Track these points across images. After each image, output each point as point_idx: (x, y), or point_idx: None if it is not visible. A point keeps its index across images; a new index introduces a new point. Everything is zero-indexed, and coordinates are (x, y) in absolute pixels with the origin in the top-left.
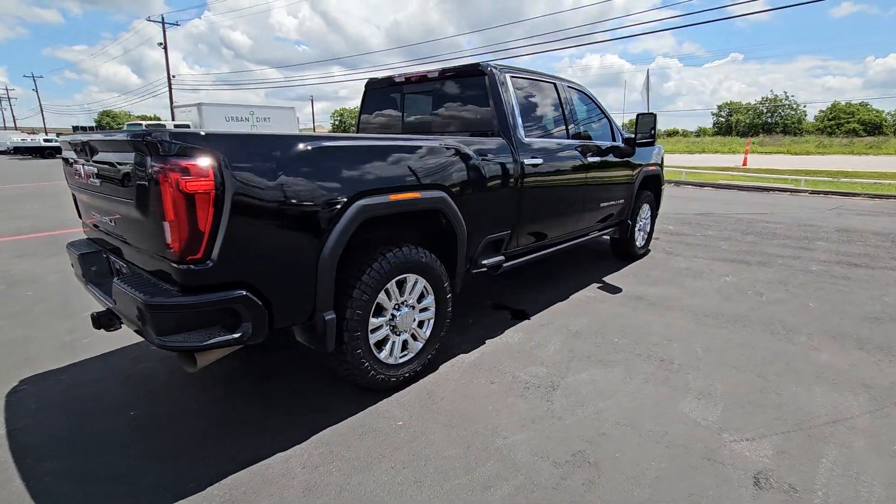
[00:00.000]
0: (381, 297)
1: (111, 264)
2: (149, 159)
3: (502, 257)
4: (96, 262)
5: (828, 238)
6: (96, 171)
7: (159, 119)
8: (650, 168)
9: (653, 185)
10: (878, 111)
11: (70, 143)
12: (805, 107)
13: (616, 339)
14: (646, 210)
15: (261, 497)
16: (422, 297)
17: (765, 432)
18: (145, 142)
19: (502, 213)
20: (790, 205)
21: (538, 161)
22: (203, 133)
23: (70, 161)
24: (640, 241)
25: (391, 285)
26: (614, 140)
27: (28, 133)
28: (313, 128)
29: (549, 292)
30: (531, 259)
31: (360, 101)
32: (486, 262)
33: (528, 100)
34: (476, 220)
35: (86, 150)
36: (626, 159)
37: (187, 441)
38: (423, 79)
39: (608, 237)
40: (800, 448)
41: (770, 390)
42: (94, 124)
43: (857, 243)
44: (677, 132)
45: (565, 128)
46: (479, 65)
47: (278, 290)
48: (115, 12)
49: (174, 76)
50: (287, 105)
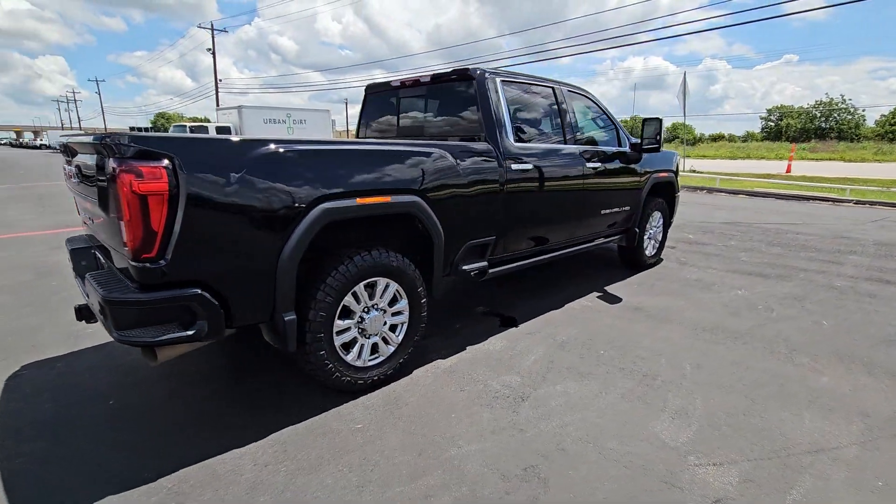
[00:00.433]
0: (349, 299)
1: (97, 260)
2: (108, 161)
3: (485, 263)
4: (86, 257)
5: (863, 252)
6: (75, 171)
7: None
8: (661, 175)
9: (665, 193)
10: None
11: (59, 145)
12: (864, 111)
13: (602, 350)
14: (657, 218)
15: (206, 492)
16: (395, 301)
17: (736, 458)
18: (104, 144)
19: (485, 218)
20: (829, 215)
21: (527, 166)
22: (159, 137)
23: (65, 161)
24: (650, 250)
25: (359, 288)
26: (620, 146)
27: (90, 133)
28: (346, 130)
29: (545, 300)
30: (523, 266)
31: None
32: (467, 267)
33: (522, 105)
34: (455, 226)
35: (68, 151)
36: (632, 165)
37: (154, 432)
38: (416, 84)
39: (616, 245)
40: (770, 477)
41: (754, 413)
42: (150, 125)
43: (895, 258)
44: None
45: (563, 133)
46: (467, 69)
47: (235, 289)
48: (173, 19)
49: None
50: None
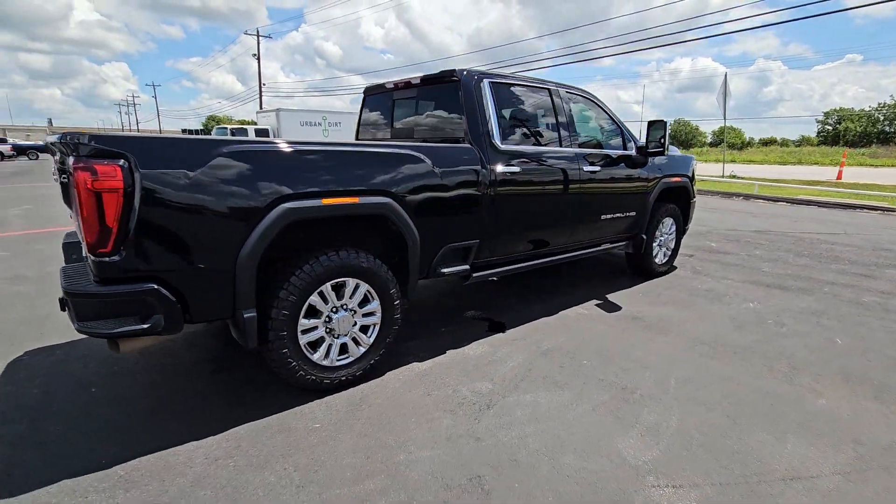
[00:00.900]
0: (315, 299)
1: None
2: (69, 160)
3: (467, 267)
4: (76, 251)
5: None
6: (55, 169)
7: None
8: (673, 179)
9: (678, 198)
10: None
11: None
12: None
13: (586, 360)
14: (668, 224)
15: (153, 482)
16: (366, 302)
17: (699, 481)
18: (65, 143)
19: (466, 221)
20: (874, 225)
21: (515, 169)
22: (115, 137)
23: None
24: (660, 258)
25: (326, 288)
26: (626, 149)
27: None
28: None
29: (540, 305)
30: (513, 270)
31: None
32: (447, 270)
33: (514, 107)
34: (432, 228)
35: (50, 150)
36: (637, 169)
37: (124, 421)
38: (408, 85)
39: (623, 252)
40: None
41: (732, 434)
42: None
43: None
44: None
45: (558, 135)
46: (453, 71)
47: (192, 286)
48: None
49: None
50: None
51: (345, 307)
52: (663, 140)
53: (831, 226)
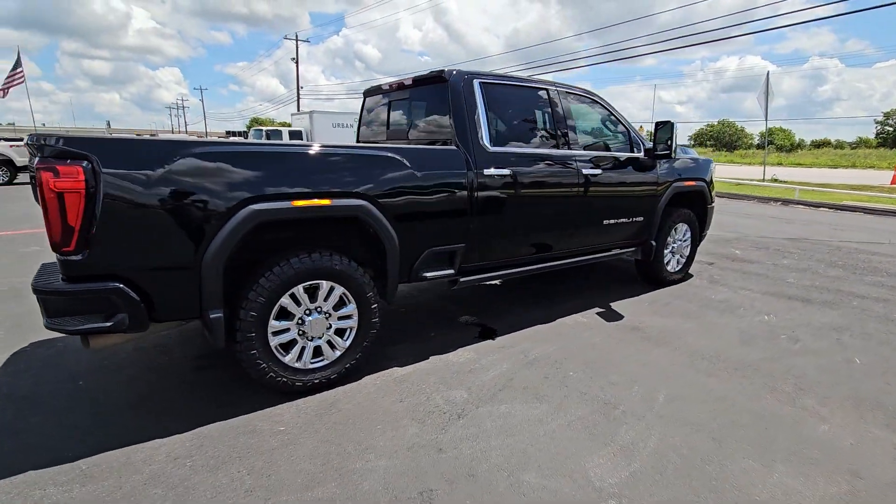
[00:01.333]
0: (287, 301)
1: None
2: (35, 160)
3: (451, 271)
4: None
5: None
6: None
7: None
8: (687, 183)
9: (693, 203)
10: None
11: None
12: None
13: (572, 372)
14: (681, 230)
15: (110, 477)
16: (341, 305)
17: None
18: (31, 144)
19: (450, 225)
20: None
21: (505, 172)
22: (80, 138)
23: None
24: (673, 266)
25: (298, 290)
26: (633, 151)
27: (197, 135)
28: None
29: (538, 312)
30: (506, 276)
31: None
32: (430, 274)
33: (507, 108)
34: (412, 232)
35: (29, 151)
36: (645, 172)
37: (101, 414)
38: (401, 87)
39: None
40: None
41: (714, 459)
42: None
43: None
44: (828, 143)
45: (555, 137)
46: (442, 72)
47: (157, 286)
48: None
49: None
50: None
51: (319, 310)
52: (670, 142)
53: (875, 234)
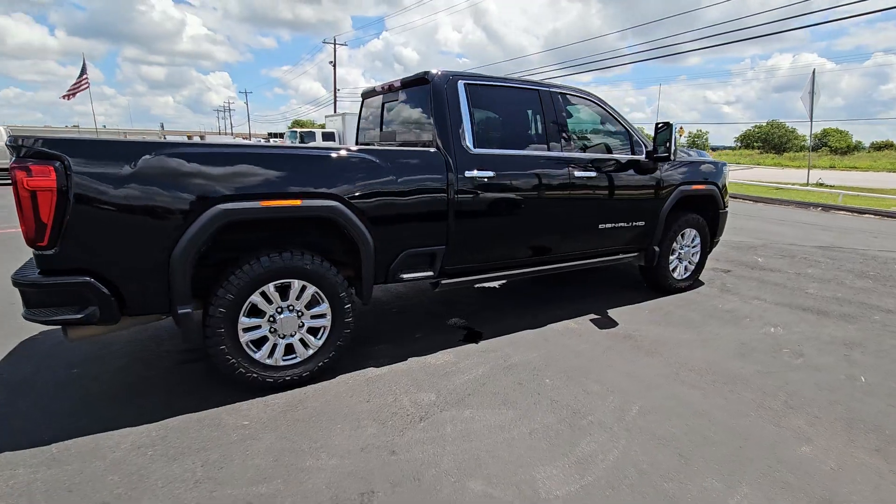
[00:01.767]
0: (257, 298)
1: None
2: (11, 160)
3: (430, 273)
4: None
5: None
6: None
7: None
8: (696, 187)
9: (703, 208)
10: None
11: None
12: None
13: (549, 379)
14: (689, 236)
15: (75, 462)
16: (314, 304)
17: None
18: (10, 145)
19: (429, 227)
20: None
21: (488, 174)
22: (53, 139)
23: None
24: (680, 273)
25: (269, 288)
26: (634, 154)
27: (242, 137)
28: None
29: (531, 317)
30: (492, 279)
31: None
32: (407, 276)
33: (492, 109)
34: (388, 233)
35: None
36: (645, 175)
37: (85, 402)
38: (392, 89)
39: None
40: None
41: (676, 476)
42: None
43: None
44: (890, 145)
45: (545, 139)
46: (426, 73)
47: (126, 281)
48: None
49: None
50: None
51: (290, 308)
52: (669, 144)
53: None
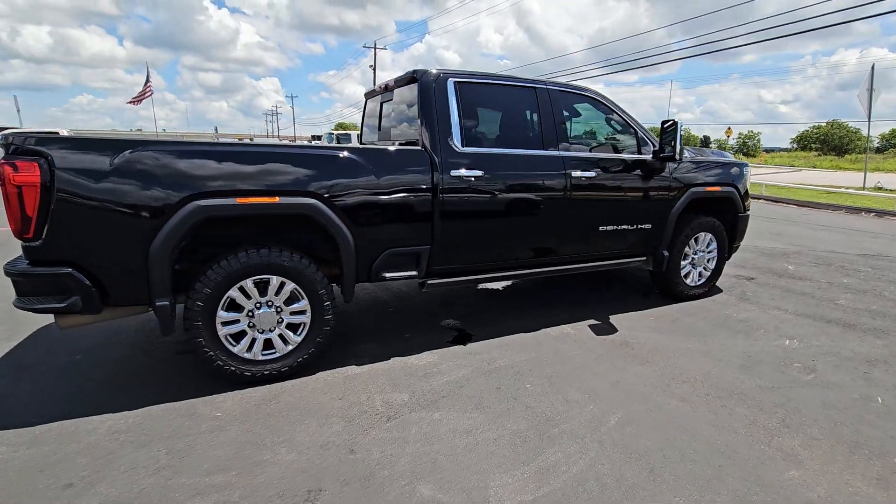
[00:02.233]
0: (235, 293)
1: None
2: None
3: (414, 273)
4: None
5: None
6: None
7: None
8: (710, 189)
9: (720, 211)
10: None
11: None
12: None
13: (529, 385)
14: (704, 241)
15: (53, 444)
16: (293, 301)
17: None
18: (1, 144)
19: (413, 227)
20: None
21: (476, 173)
22: (39, 137)
23: None
24: (693, 279)
25: (247, 284)
26: (641, 154)
27: (288, 139)
28: None
29: (528, 319)
30: (482, 280)
31: None
32: (390, 275)
33: (484, 108)
34: (370, 232)
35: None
36: (652, 176)
37: (80, 387)
38: (387, 88)
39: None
40: None
41: (639, 493)
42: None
43: None
44: None
45: (541, 138)
46: (415, 72)
47: (106, 273)
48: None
49: None
50: None
51: (269, 304)
52: (674, 143)
53: None
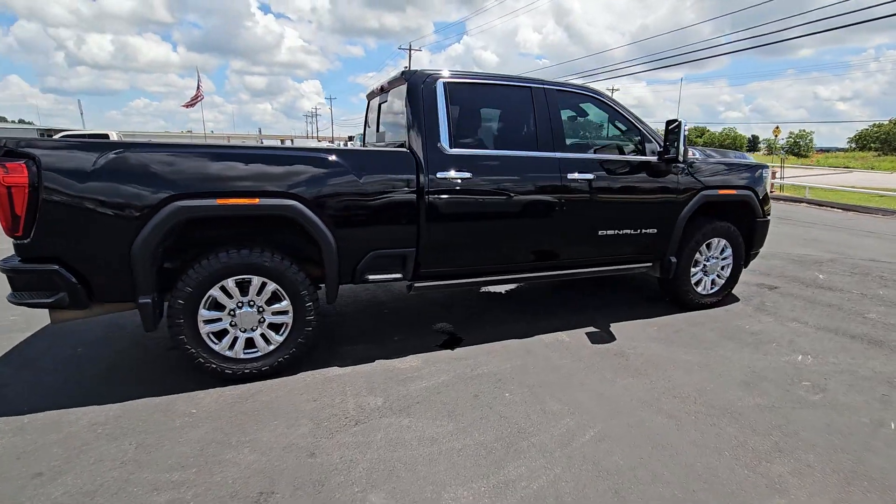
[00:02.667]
0: (216, 292)
1: None
2: None
3: (399, 275)
4: None
5: None
6: None
7: None
8: (723, 191)
9: (735, 215)
10: None
11: None
12: None
13: (508, 393)
14: (718, 247)
15: (35, 433)
16: (275, 301)
17: None
18: None
19: (398, 229)
20: None
21: (464, 175)
22: (26, 140)
23: None
24: (704, 287)
25: (228, 283)
26: (645, 154)
27: (326, 140)
28: None
29: (523, 325)
30: (473, 284)
31: None
32: (374, 277)
33: (475, 108)
34: (352, 234)
35: None
36: (657, 178)
37: (76, 378)
38: (382, 89)
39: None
40: None
41: None
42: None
43: None
44: None
45: (535, 139)
46: (403, 72)
47: (91, 270)
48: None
49: None
50: None
51: (251, 303)
52: (677, 144)
53: None
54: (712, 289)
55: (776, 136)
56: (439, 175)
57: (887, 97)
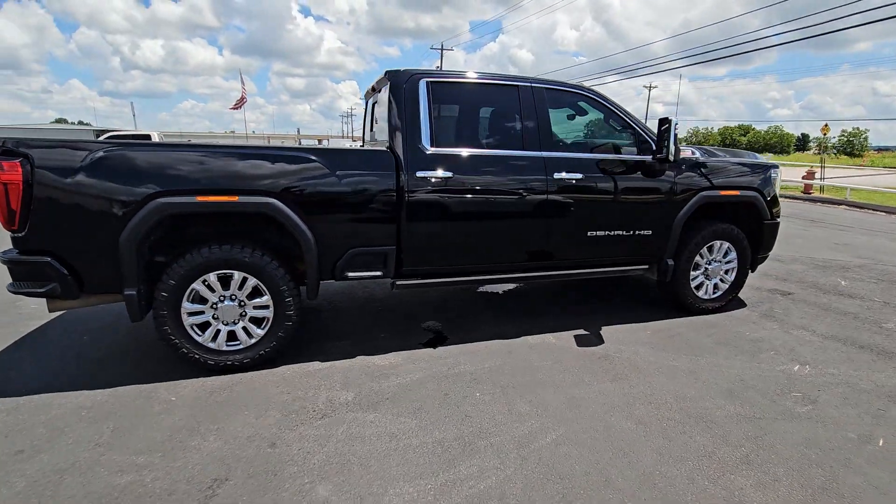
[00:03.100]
0: (199, 286)
1: None
2: None
3: (379, 273)
4: None
5: None
6: None
7: None
8: (725, 192)
9: (741, 217)
10: None
11: None
12: None
13: (479, 393)
14: (721, 250)
15: (25, 414)
16: (256, 295)
17: None
18: None
19: (377, 227)
20: None
21: (445, 175)
22: (20, 140)
23: None
24: (706, 291)
25: (210, 277)
26: (641, 153)
27: (356, 139)
28: None
29: (511, 326)
30: (457, 283)
31: None
32: (353, 274)
33: (460, 107)
34: (331, 231)
35: None
36: (652, 178)
37: (75, 363)
38: (374, 89)
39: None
40: None
41: None
42: None
43: None
44: None
45: (521, 138)
46: (387, 72)
47: (81, 262)
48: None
49: None
50: None
51: (232, 297)
52: (668, 143)
53: None
54: (715, 293)
55: (825, 134)
56: (419, 174)
57: None
